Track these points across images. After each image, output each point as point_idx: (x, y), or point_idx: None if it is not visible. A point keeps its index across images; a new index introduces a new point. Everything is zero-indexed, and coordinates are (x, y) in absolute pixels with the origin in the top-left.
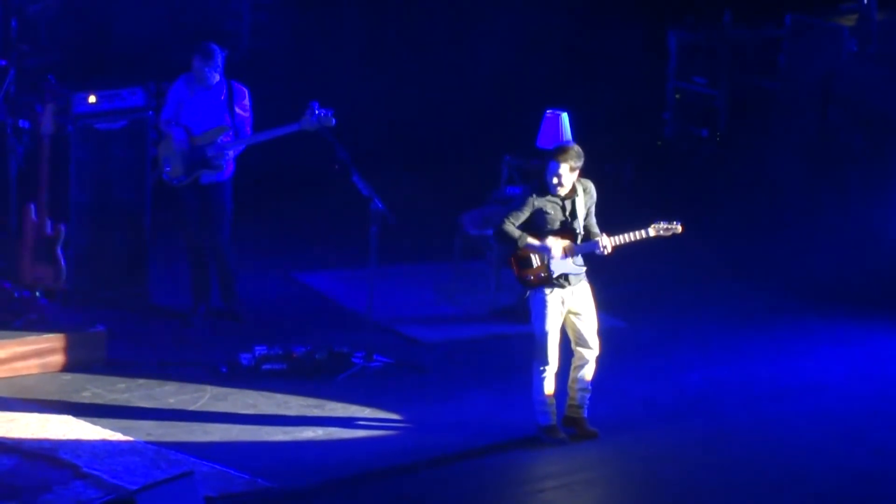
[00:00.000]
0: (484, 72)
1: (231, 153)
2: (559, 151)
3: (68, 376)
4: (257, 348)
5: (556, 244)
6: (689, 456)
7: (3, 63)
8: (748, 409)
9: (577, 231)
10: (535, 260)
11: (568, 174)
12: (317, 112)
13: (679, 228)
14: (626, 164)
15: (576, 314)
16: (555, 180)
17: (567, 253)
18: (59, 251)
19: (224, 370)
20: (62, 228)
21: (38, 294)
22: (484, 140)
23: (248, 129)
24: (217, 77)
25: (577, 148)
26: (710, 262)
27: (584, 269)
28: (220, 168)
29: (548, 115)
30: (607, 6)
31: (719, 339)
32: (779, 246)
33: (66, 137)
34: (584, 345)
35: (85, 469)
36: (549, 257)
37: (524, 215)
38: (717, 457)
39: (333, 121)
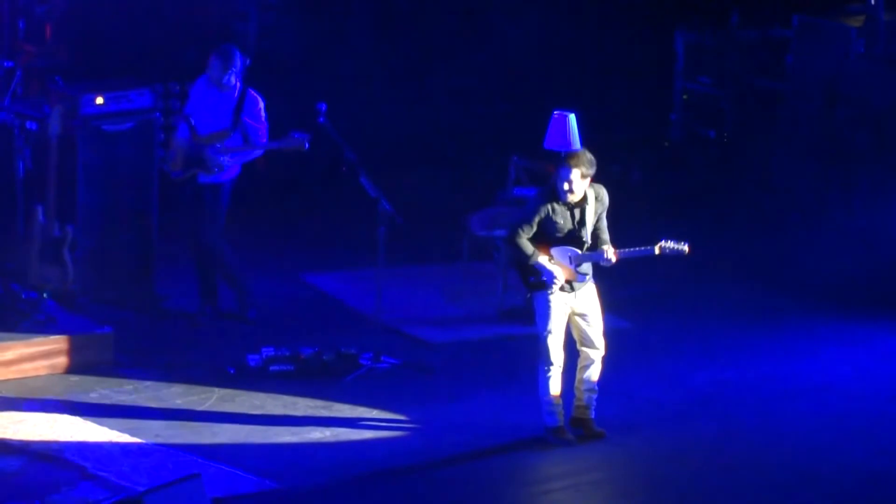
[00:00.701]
0: (492, 72)
1: (227, 159)
2: (571, 157)
3: (75, 377)
4: (265, 349)
5: (561, 275)
6: (696, 457)
7: (10, 64)
8: (755, 409)
9: (584, 240)
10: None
11: (579, 181)
12: (295, 136)
13: (686, 249)
14: (633, 165)
15: (581, 315)
16: (566, 186)
17: (571, 279)
18: (66, 252)
19: (231, 371)
20: (69, 230)
21: (45, 295)
22: (491, 141)
23: (264, 137)
24: (233, 80)
25: (589, 155)
26: (716, 262)
27: (589, 275)
28: (214, 172)
29: (555, 115)
30: (615, 7)
31: (726, 339)
32: (785, 246)
33: (73, 139)
34: (590, 345)
35: (92, 470)
36: (552, 283)
37: (536, 225)
38: (725, 457)
39: (307, 145)
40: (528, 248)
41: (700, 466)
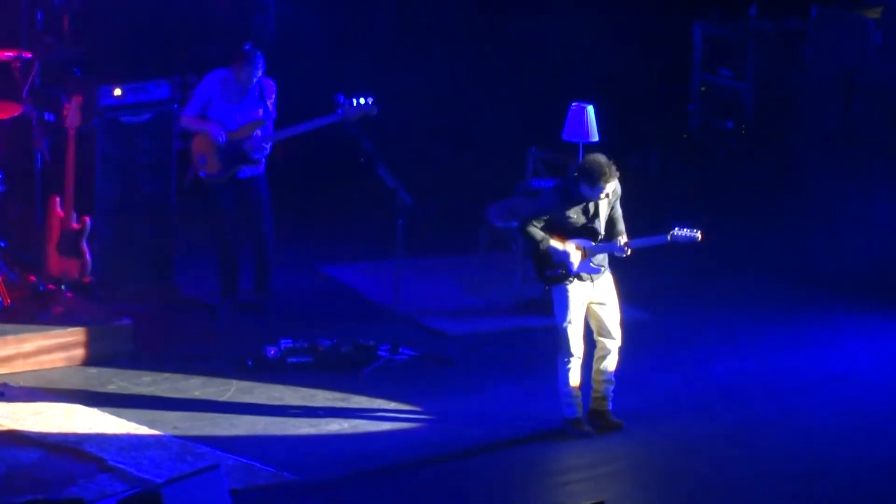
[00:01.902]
0: (510, 64)
1: (269, 146)
2: (611, 176)
3: (94, 369)
4: (283, 341)
5: (576, 255)
6: (715, 448)
7: (29, 56)
8: (774, 400)
9: (599, 231)
10: (556, 258)
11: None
12: (356, 100)
13: (698, 236)
14: (651, 156)
15: (599, 304)
16: (602, 195)
17: (586, 258)
18: (84, 244)
19: (250, 363)
20: (88, 221)
21: (63, 287)
22: (510, 132)
23: (271, 126)
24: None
25: (611, 164)
26: (735, 254)
27: (604, 267)
28: (259, 162)
29: (573, 107)
30: None
31: (745, 331)
32: (804, 238)
33: (91, 130)
34: (607, 335)
35: (110, 462)
36: (569, 264)
37: (546, 217)
38: (744, 449)
39: (376, 109)
40: (538, 234)
41: (719, 458)
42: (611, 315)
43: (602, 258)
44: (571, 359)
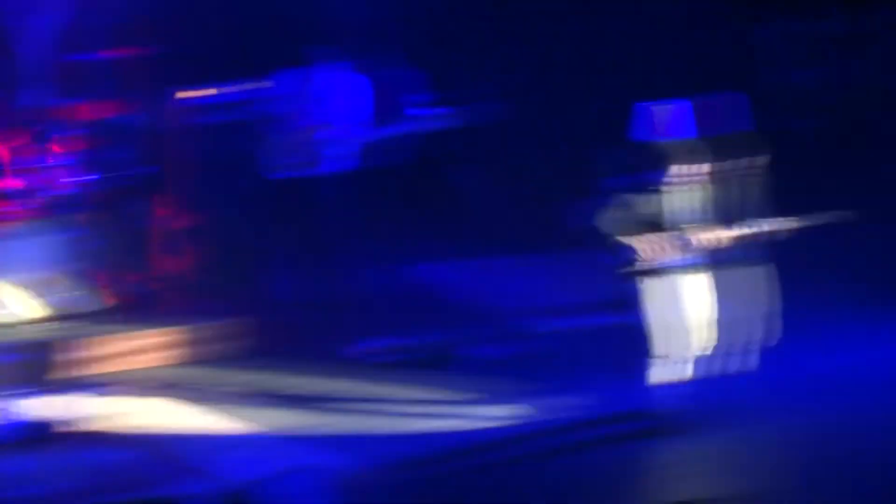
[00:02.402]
0: (593, 64)
1: (354, 145)
2: (678, 159)
3: (187, 368)
4: (374, 339)
5: (661, 249)
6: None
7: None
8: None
9: (678, 225)
10: (640, 251)
11: (684, 170)
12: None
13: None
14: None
15: (687, 298)
16: (671, 180)
17: (663, 251)
18: (187, 243)
19: (342, 360)
20: (190, 221)
21: (167, 286)
22: (591, 130)
23: (354, 123)
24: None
25: (678, 148)
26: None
27: (692, 258)
28: (344, 159)
29: (663, 105)
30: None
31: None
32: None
33: (189, 130)
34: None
35: (200, 462)
36: (638, 258)
37: (622, 211)
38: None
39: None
40: (621, 230)
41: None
42: (702, 311)
43: (692, 250)
44: (661, 356)
